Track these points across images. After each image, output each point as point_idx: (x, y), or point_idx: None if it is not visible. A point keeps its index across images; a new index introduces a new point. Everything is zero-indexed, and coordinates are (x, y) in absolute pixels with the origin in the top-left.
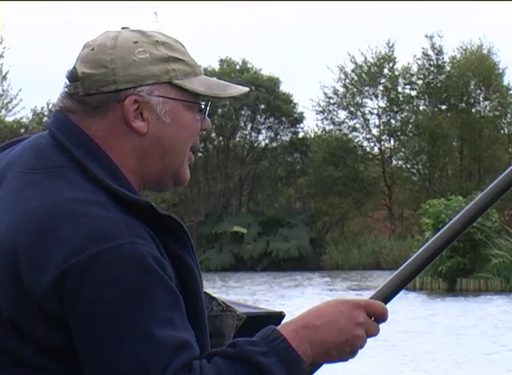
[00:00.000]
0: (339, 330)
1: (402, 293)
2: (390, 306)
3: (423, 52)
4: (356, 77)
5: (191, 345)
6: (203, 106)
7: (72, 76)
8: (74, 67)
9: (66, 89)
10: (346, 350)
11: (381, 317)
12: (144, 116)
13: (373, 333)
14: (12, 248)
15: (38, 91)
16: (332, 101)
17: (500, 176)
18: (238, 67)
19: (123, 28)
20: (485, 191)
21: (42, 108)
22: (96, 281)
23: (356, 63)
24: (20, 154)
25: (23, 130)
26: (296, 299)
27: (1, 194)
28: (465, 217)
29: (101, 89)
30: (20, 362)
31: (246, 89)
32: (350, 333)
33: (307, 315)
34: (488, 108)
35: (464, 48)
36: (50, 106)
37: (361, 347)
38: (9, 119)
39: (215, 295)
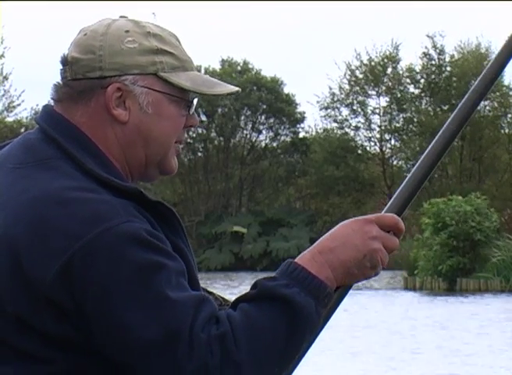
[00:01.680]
0: (355, 248)
1: (401, 292)
2: (389, 307)
3: (424, 52)
4: (360, 75)
5: (209, 300)
6: (195, 102)
7: (63, 61)
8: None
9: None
10: (366, 265)
11: (395, 228)
12: (126, 104)
13: (391, 245)
14: (11, 243)
15: (39, 91)
16: (335, 97)
17: (492, 61)
18: (239, 68)
19: (121, 17)
20: (473, 87)
21: (38, 105)
22: (102, 264)
23: (361, 61)
24: (9, 152)
25: (23, 130)
26: None
27: None
28: (458, 117)
29: (87, 74)
30: (27, 356)
31: (235, 89)
32: (367, 247)
33: (320, 241)
34: (488, 108)
35: (463, 46)
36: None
37: (383, 262)
38: (10, 119)
39: (211, 290)
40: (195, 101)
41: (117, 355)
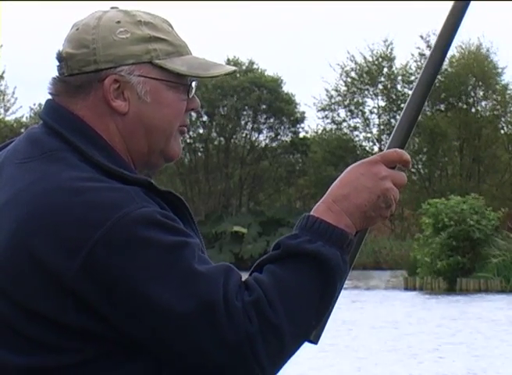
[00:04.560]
0: (368, 190)
1: (401, 292)
2: (389, 307)
3: (419, 53)
4: (356, 76)
5: (234, 268)
6: (194, 85)
7: (59, 57)
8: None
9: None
10: (381, 206)
11: (401, 163)
12: (124, 95)
13: (400, 181)
14: (25, 237)
15: (38, 91)
16: (333, 100)
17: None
18: (244, 68)
19: (112, 8)
20: (445, 21)
21: (40, 105)
22: (126, 250)
23: (356, 62)
24: (15, 148)
25: (23, 130)
26: None
27: (3, 188)
28: (440, 47)
29: (83, 69)
30: (45, 347)
31: (232, 69)
32: (379, 188)
33: (331, 190)
34: (487, 107)
35: (463, 47)
36: None
37: (395, 199)
38: (9, 118)
39: None
40: (194, 84)
41: (153, 338)
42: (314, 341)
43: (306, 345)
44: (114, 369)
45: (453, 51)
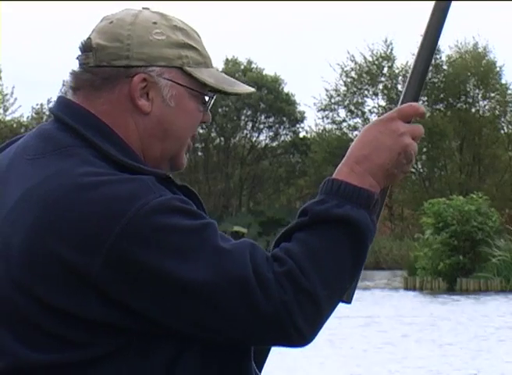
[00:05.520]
0: (388, 149)
1: (401, 292)
2: (389, 307)
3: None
4: (356, 76)
5: (256, 243)
6: (207, 99)
7: (86, 47)
8: (89, 37)
9: (77, 59)
10: (403, 162)
11: (418, 116)
12: (149, 96)
13: (418, 135)
14: (44, 234)
15: (41, 92)
16: (333, 100)
17: None
18: (243, 67)
19: (144, 8)
20: None
21: (42, 105)
22: (150, 239)
23: (356, 62)
24: (25, 144)
25: (23, 130)
26: None
27: (14, 185)
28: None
29: (113, 62)
30: (71, 343)
31: (252, 89)
32: (399, 145)
33: (352, 151)
34: (487, 107)
35: (460, 46)
36: (51, 104)
37: (415, 154)
38: (8, 118)
39: None
40: (213, 97)
41: (191, 321)
42: (348, 301)
43: (307, 347)
44: (138, 359)
45: (451, 50)
